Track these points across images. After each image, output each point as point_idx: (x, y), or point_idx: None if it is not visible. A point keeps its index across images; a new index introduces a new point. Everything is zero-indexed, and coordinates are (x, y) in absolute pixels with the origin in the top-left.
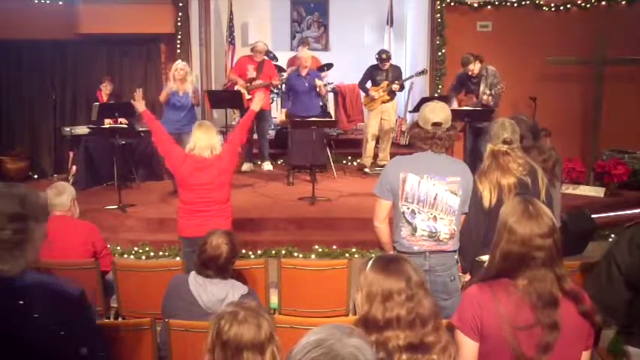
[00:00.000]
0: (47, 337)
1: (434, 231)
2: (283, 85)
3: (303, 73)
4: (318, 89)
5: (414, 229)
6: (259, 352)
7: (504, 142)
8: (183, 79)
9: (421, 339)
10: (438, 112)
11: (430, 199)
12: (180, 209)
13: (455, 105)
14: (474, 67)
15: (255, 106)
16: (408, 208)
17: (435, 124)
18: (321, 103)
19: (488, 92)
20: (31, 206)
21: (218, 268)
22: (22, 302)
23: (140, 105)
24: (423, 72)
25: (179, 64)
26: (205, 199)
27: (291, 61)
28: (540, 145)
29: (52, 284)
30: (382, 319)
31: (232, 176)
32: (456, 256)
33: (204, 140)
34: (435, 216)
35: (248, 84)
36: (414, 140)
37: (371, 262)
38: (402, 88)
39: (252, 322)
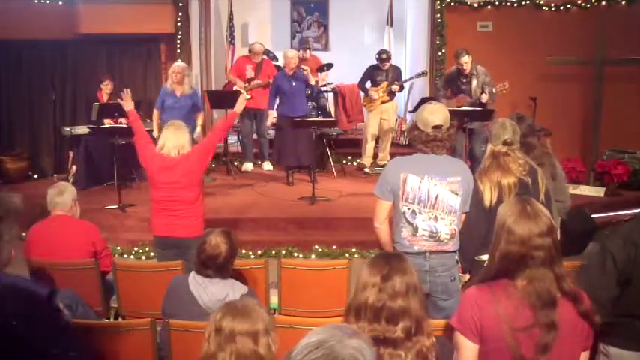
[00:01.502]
0: (17, 338)
1: (435, 231)
2: None
3: (290, 72)
4: (304, 73)
5: (415, 230)
6: (253, 340)
7: (505, 143)
8: (180, 81)
9: (384, 334)
10: (438, 114)
11: (431, 200)
12: (152, 208)
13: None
14: (468, 61)
15: (238, 107)
16: (409, 209)
17: (436, 127)
18: (313, 103)
19: (487, 91)
20: (2, 207)
21: (217, 268)
22: None
23: (127, 104)
24: (423, 74)
25: (176, 67)
26: (173, 199)
27: None
28: (527, 143)
29: (21, 285)
30: (359, 305)
31: (201, 176)
32: (456, 257)
33: (173, 140)
34: (435, 216)
35: (246, 84)
36: (414, 143)
37: (371, 257)
38: (401, 88)
39: (249, 313)
